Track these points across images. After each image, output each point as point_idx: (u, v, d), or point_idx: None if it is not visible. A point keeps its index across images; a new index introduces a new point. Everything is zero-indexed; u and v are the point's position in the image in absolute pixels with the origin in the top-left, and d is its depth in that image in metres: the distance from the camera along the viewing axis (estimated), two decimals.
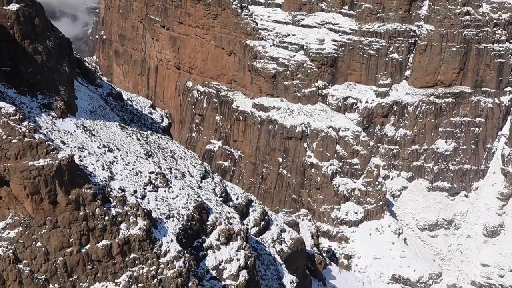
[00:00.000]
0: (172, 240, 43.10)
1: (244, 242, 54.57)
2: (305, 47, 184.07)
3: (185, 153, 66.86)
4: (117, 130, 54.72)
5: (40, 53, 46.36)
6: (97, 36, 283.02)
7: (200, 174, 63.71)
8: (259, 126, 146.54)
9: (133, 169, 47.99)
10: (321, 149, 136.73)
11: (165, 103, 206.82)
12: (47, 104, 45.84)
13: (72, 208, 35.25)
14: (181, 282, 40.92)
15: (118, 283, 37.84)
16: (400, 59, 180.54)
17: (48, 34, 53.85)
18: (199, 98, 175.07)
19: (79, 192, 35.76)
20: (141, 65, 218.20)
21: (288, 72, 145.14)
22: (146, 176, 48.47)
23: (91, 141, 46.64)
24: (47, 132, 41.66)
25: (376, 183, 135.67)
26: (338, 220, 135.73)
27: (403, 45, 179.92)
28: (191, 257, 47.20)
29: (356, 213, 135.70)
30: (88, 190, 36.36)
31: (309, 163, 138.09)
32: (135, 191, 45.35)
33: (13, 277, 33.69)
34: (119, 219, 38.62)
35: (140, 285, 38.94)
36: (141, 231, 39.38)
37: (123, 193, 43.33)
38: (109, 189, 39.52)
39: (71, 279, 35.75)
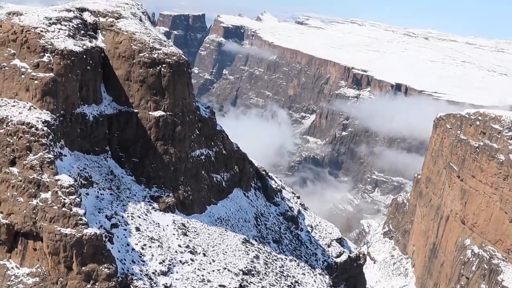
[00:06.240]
0: None
1: None
2: None
3: None
4: (232, 242, 58.11)
5: (171, 154, 54.66)
6: (415, 175, 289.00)
7: None
8: None
9: (202, 275, 50.57)
10: None
11: (445, 255, 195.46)
12: (156, 197, 53.26)
13: (81, 278, 40.67)
14: None
15: None
16: None
17: (211, 144, 62.52)
18: (471, 259, 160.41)
19: (95, 268, 41.04)
20: (436, 211, 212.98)
21: None
22: (212, 287, 50.36)
23: (176, 238, 51.55)
24: (127, 216, 48.71)
25: None
26: None
27: None
28: None
29: None
30: (105, 270, 41.32)
31: None
32: None
33: None
34: None
35: None
36: None
37: None
38: (134, 278, 43.53)
39: None
